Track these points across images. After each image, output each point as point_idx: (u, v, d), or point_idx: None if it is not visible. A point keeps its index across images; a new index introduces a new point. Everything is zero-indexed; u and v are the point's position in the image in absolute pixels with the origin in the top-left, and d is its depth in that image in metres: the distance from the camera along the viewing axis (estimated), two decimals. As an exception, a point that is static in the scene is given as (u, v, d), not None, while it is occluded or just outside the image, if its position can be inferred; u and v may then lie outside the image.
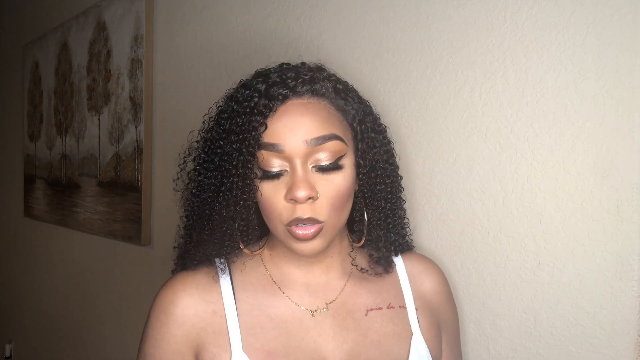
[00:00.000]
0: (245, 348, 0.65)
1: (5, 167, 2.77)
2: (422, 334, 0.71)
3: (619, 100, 0.67)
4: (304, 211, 0.62)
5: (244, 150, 0.63)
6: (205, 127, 0.70)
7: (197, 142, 0.71)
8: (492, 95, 0.79)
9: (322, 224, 0.63)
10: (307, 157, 0.62)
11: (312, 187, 0.62)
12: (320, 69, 0.69)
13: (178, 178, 0.72)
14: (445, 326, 0.77)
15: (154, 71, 1.55)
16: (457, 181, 0.84)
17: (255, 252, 0.73)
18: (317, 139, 0.62)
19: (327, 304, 0.70)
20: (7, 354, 2.65)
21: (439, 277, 0.78)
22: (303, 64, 0.69)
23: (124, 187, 1.65)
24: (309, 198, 0.61)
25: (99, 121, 1.80)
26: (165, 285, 0.70)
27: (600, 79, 0.69)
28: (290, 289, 0.71)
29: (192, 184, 0.70)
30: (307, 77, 0.65)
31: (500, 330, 0.80)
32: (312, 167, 0.63)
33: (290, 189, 0.62)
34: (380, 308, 0.72)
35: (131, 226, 1.61)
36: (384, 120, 0.75)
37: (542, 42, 0.74)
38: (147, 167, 1.56)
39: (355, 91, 0.71)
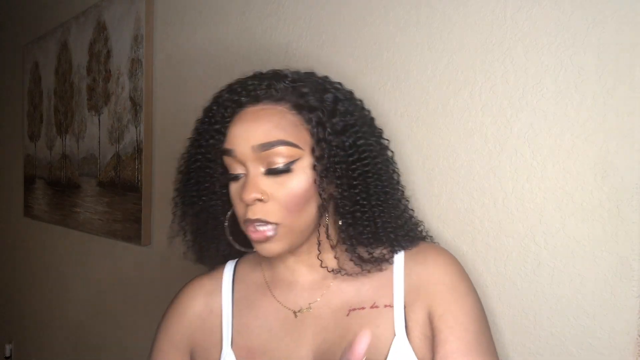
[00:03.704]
0: (234, 345, 0.71)
1: (5, 167, 2.77)
2: (408, 334, 0.67)
3: (619, 100, 0.67)
4: (253, 212, 0.65)
5: (205, 156, 0.69)
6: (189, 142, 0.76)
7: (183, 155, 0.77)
8: (492, 95, 0.79)
9: (275, 226, 0.65)
10: (256, 161, 0.65)
11: (258, 189, 0.64)
12: (279, 74, 0.69)
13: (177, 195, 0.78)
14: (445, 317, 0.68)
15: (154, 71, 1.55)
16: (457, 181, 0.84)
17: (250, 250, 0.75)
18: (263, 145, 0.64)
19: (310, 304, 0.71)
20: (7, 354, 2.65)
21: (441, 267, 0.70)
22: (276, 71, 0.71)
23: (124, 187, 1.65)
24: (257, 200, 0.64)
25: (99, 121, 1.80)
26: (181, 288, 0.80)
27: (600, 79, 0.69)
28: (277, 288, 0.74)
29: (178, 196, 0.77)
30: (265, 83, 0.67)
31: (500, 330, 0.80)
32: (265, 170, 0.65)
33: (241, 191, 0.65)
34: (362, 308, 0.69)
35: (131, 226, 1.61)
36: (382, 120, 0.74)
37: (542, 42, 0.74)
38: (147, 167, 1.56)
39: (333, 92, 0.69)
